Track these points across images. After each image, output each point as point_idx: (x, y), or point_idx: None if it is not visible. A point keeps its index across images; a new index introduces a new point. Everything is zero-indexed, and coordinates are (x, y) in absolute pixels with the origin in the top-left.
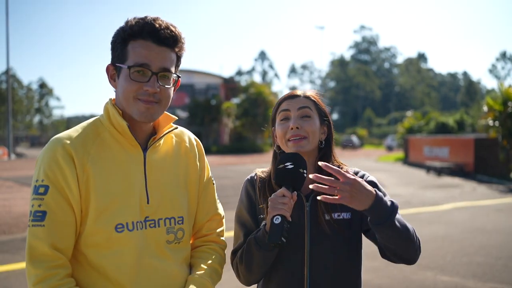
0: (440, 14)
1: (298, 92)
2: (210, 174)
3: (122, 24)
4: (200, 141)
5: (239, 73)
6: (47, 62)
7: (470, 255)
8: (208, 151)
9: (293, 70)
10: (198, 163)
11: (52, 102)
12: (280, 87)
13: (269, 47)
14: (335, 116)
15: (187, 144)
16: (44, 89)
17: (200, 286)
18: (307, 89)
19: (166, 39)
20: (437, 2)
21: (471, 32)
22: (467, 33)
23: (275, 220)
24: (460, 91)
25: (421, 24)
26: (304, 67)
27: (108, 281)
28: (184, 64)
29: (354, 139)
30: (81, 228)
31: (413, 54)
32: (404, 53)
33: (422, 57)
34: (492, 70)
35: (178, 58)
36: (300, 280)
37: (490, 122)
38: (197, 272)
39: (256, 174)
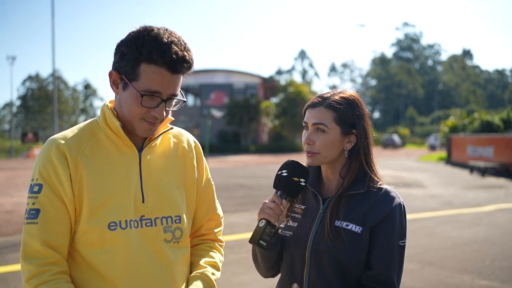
0: (486, 8)
1: (325, 96)
2: (209, 176)
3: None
4: (239, 140)
5: (279, 72)
6: (91, 63)
7: (511, 259)
8: (246, 151)
9: (333, 69)
10: (195, 164)
11: (96, 103)
12: (321, 86)
13: (309, 46)
14: (376, 114)
15: (185, 145)
16: (89, 90)
17: (204, 282)
18: (341, 91)
19: (182, 68)
20: None
21: None
22: None
23: (260, 223)
24: (508, 88)
25: (466, 20)
26: (344, 65)
27: (102, 279)
28: (223, 64)
29: (396, 138)
30: (75, 227)
31: (458, 51)
32: (449, 50)
33: (467, 53)
34: None
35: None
36: (300, 280)
37: None
38: (199, 270)
39: None
